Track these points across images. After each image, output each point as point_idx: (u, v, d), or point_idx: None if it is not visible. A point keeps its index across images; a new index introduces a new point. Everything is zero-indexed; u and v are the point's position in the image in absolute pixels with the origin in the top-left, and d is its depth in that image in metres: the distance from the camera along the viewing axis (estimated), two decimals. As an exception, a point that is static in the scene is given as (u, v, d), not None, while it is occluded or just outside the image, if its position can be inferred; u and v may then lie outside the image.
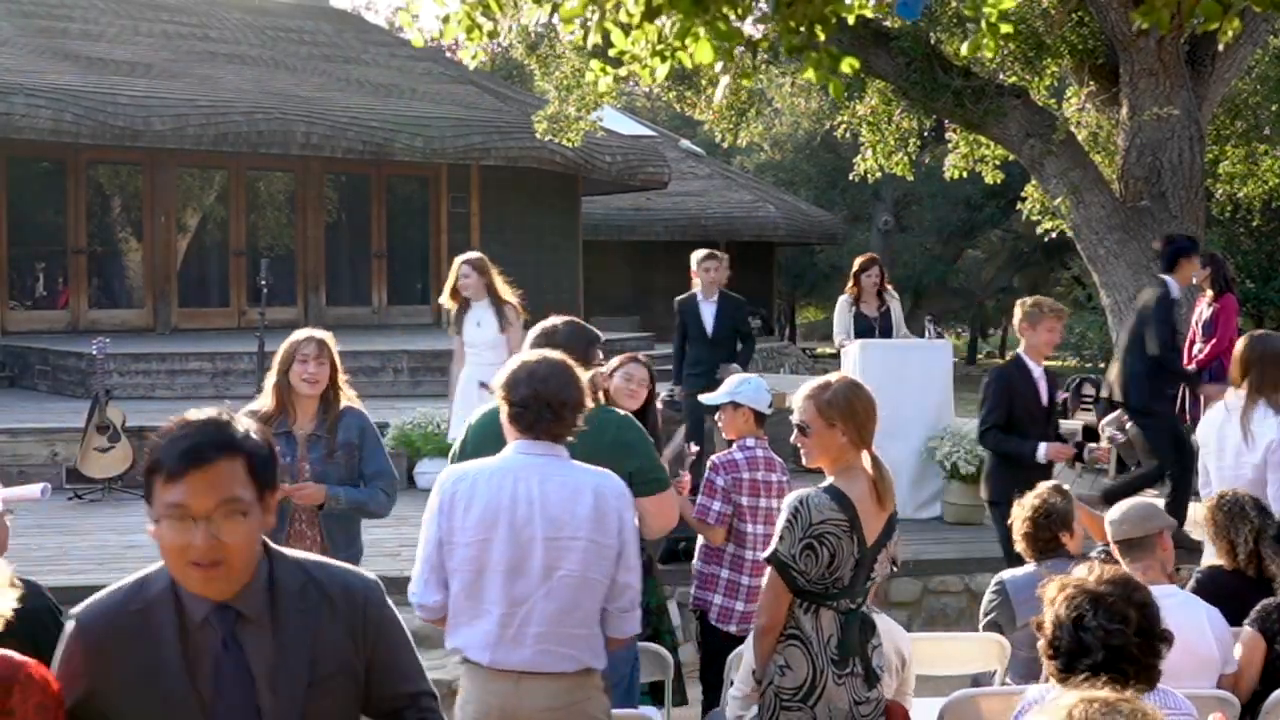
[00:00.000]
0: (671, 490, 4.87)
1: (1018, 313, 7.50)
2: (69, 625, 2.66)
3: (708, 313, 10.66)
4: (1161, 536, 4.92)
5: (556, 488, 3.94)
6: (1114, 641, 3.20)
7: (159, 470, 2.54)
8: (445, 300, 9.53)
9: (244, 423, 2.63)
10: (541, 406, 3.97)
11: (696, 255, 10.78)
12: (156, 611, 2.61)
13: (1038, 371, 7.49)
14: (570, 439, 4.04)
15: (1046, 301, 7.62)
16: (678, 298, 10.97)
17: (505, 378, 4.06)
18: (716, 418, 6.44)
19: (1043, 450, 7.30)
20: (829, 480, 4.27)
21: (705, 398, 6.59)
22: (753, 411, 6.24)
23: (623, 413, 4.97)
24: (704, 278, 10.65)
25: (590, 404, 4.12)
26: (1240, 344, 6.80)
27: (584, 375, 4.12)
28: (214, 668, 2.59)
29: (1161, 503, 7.46)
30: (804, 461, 4.44)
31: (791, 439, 4.40)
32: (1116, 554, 4.92)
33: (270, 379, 5.70)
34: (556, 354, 4.13)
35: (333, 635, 2.69)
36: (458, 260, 9.42)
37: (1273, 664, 4.87)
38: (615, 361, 6.06)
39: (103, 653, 2.59)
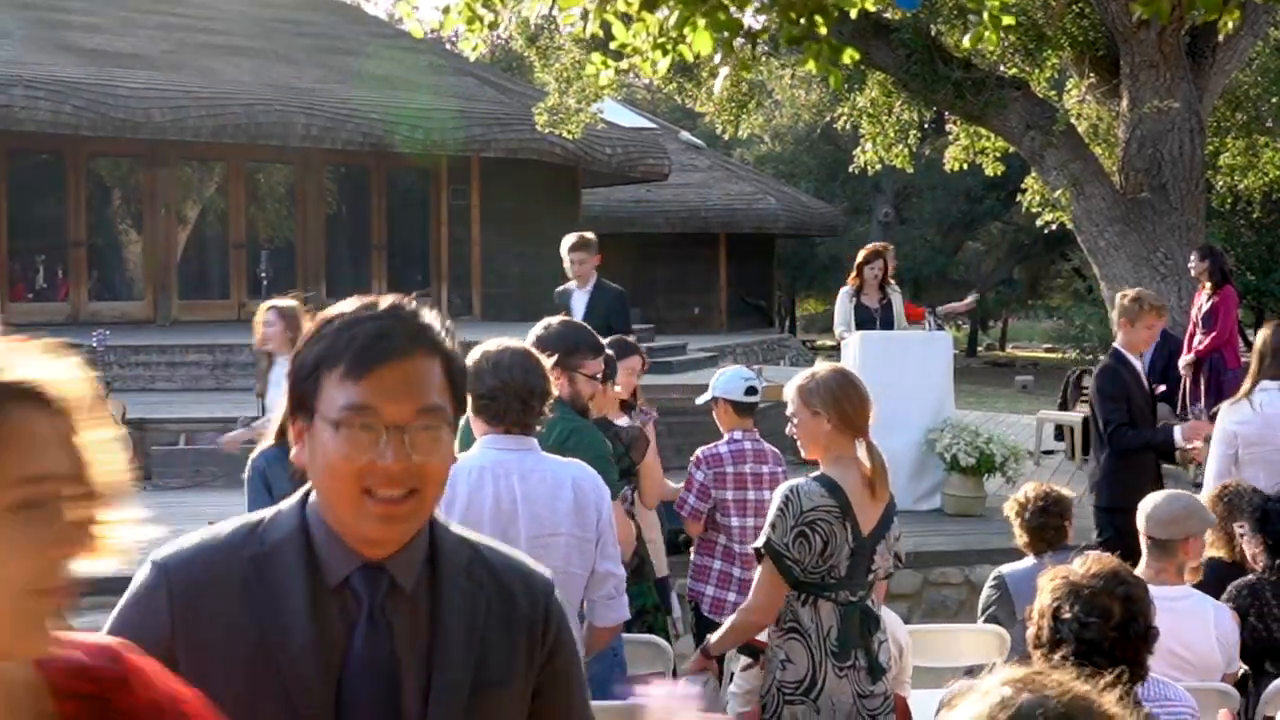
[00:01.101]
0: (617, 503, 4.63)
1: (1118, 308, 7.10)
2: (144, 572, 1.95)
3: (578, 304, 9.76)
4: (1186, 542, 4.73)
5: (536, 484, 3.88)
6: (1087, 635, 3.20)
7: (333, 362, 1.87)
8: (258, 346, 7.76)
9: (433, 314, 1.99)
10: (509, 397, 3.87)
11: (565, 242, 9.89)
12: (281, 560, 1.91)
13: (1139, 365, 7.14)
14: (539, 429, 3.96)
15: (1148, 296, 7.18)
16: (559, 288, 10.15)
17: (469, 369, 3.99)
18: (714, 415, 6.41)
19: (1179, 432, 6.93)
20: (820, 469, 4.27)
21: (698, 400, 6.57)
22: (730, 403, 6.20)
23: (576, 419, 4.74)
24: (572, 269, 9.79)
25: (555, 392, 4.01)
26: None
27: (547, 363, 3.99)
28: (347, 648, 1.88)
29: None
30: (801, 453, 4.44)
31: (787, 430, 4.40)
32: (1144, 544, 4.88)
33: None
34: (518, 343, 4.03)
35: (504, 634, 1.99)
36: (263, 306, 7.56)
37: (1247, 640, 4.89)
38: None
39: (198, 607, 1.89)
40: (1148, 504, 4.86)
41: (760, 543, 4.22)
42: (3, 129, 14.81)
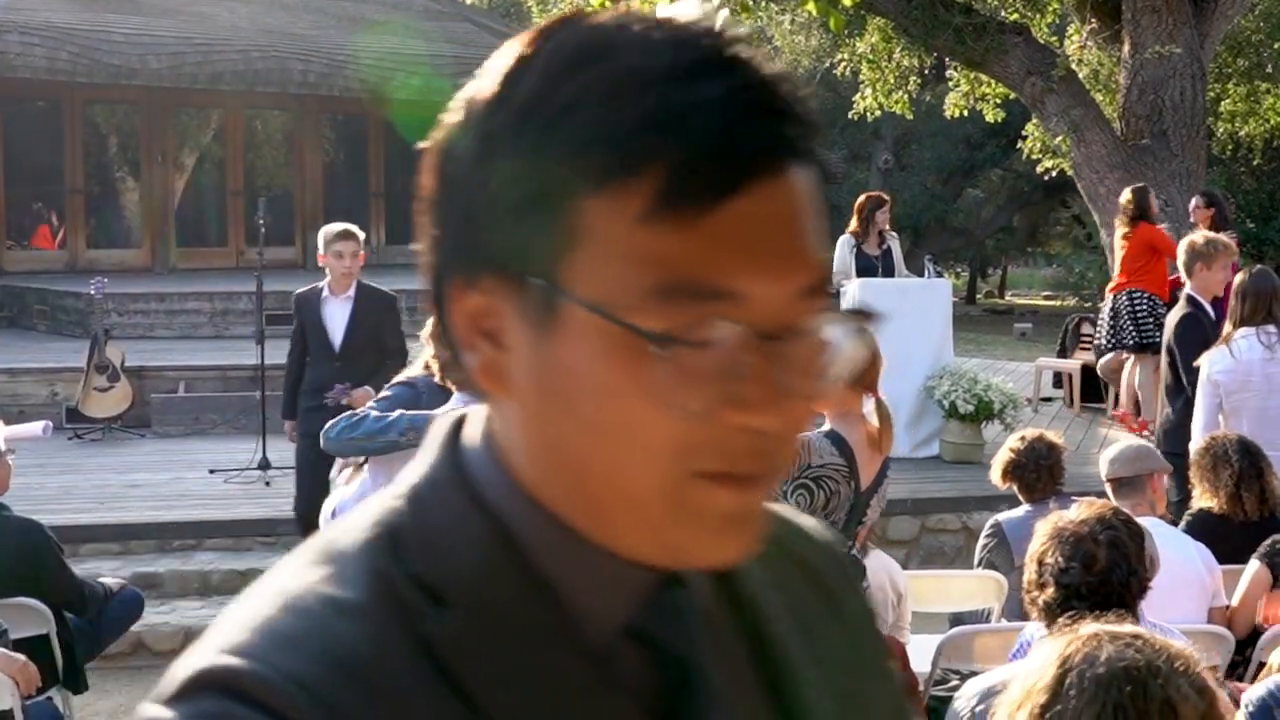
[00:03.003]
0: None
1: (1188, 252, 6.82)
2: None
3: (336, 315, 7.21)
4: (1153, 478, 4.96)
5: None
6: (1065, 580, 3.22)
7: (620, 160, 0.77)
8: None
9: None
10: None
11: (325, 233, 7.25)
12: (488, 622, 0.81)
13: (1211, 310, 6.93)
14: None
15: (1219, 239, 7.06)
16: (296, 292, 7.51)
17: None
18: None
19: None
20: (828, 425, 4.27)
21: None
22: None
23: None
24: (334, 265, 7.12)
25: None
26: None
27: None
28: None
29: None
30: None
31: None
32: (1110, 493, 4.95)
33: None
34: None
35: (843, 654, 1.00)
36: None
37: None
38: None
39: None
40: (1109, 453, 5.09)
41: None
42: (-2, 75, 14.75)
